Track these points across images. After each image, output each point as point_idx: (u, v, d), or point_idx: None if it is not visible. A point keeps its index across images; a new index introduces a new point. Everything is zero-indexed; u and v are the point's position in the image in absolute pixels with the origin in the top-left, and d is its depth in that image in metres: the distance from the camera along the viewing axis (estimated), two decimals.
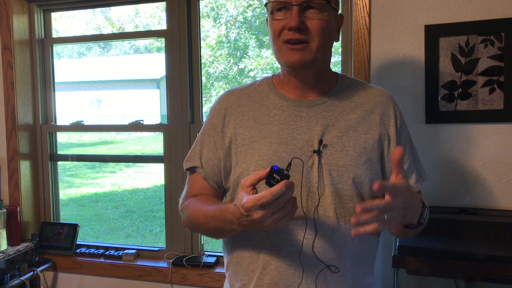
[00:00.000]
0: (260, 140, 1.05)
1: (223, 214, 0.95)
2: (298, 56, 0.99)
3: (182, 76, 2.04)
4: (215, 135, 1.11)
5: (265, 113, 1.08)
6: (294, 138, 1.04)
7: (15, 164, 2.18)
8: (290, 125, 1.05)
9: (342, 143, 1.03)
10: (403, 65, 1.63)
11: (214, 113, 1.13)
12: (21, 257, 2.16)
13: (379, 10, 1.65)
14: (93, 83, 9.32)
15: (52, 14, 2.31)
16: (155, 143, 8.76)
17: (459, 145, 1.59)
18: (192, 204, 1.09)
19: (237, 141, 1.07)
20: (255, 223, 0.87)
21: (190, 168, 1.15)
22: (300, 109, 1.06)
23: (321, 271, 1.01)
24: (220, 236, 1.10)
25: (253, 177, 0.89)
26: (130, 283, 2.06)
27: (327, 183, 1.01)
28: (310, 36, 0.99)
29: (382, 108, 1.09)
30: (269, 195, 0.83)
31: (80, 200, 6.77)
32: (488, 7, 1.54)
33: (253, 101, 1.11)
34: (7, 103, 2.17)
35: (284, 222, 0.88)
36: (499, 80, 1.53)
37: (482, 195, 1.58)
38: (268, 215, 0.85)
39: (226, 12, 3.96)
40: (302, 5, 0.98)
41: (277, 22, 1.00)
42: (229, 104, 1.12)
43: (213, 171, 1.11)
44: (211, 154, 1.11)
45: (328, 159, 1.02)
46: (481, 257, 1.24)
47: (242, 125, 1.08)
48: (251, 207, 0.85)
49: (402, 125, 1.11)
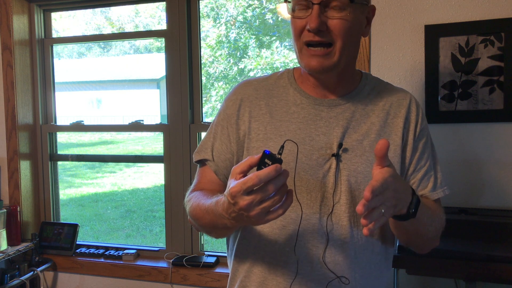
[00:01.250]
0: (276, 138, 0.99)
1: (216, 207, 0.86)
2: (319, 62, 0.93)
3: (182, 76, 2.04)
4: (229, 127, 1.04)
5: (283, 109, 1.01)
6: (312, 139, 0.98)
7: (15, 164, 2.18)
8: (309, 124, 0.99)
9: (362, 147, 0.98)
10: (403, 65, 1.63)
11: (229, 104, 1.06)
12: (21, 257, 2.16)
13: (379, 10, 1.65)
14: (93, 83, 9.31)
15: (52, 14, 2.32)
16: (155, 143, 8.75)
17: (459, 145, 1.59)
18: (195, 196, 1.01)
19: (251, 135, 1.01)
20: (243, 212, 0.78)
21: (200, 160, 1.08)
22: (321, 108, 1.00)
23: (330, 282, 0.96)
24: (216, 233, 1.02)
25: (243, 163, 0.80)
26: (130, 283, 2.06)
27: (344, 190, 0.96)
28: (332, 37, 0.92)
29: (405, 111, 1.02)
30: (256, 177, 0.74)
31: (80, 200, 6.77)
32: (488, 7, 1.54)
33: (272, 95, 1.04)
34: (7, 103, 2.17)
35: (274, 215, 0.78)
36: (499, 80, 1.53)
37: (482, 195, 1.58)
38: (256, 202, 0.76)
39: (226, 12, 3.96)
40: (322, 4, 0.90)
41: (297, 21, 0.94)
42: (246, 95, 1.05)
43: (225, 165, 1.04)
44: (223, 147, 1.04)
45: (346, 164, 0.96)
46: (481, 257, 1.24)
47: (257, 119, 1.02)
48: (236, 193, 0.76)
49: (423, 130, 1.04)
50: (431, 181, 1.05)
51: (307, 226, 0.95)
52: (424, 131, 1.05)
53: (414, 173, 1.04)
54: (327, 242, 0.95)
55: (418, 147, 1.03)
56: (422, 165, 1.04)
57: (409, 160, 1.03)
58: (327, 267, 0.95)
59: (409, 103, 1.04)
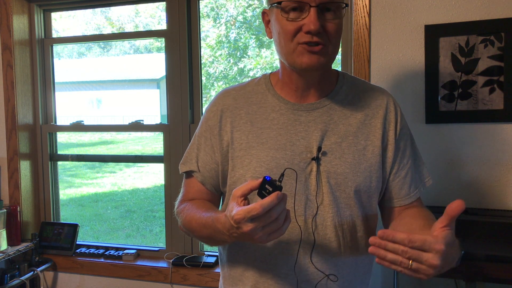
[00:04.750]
0: (258, 146, 1.01)
1: (215, 224, 0.90)
2: (316, 59, 0.94)
3: (182, 76, 2.04)
4: (212, 138, 1.07)
5: (263, 116, 1.03)
6: (292, 144, 1.00)
7: (15, 164, 2.18)
8: (289, 129, 1.01)
9: (341, 149, 1.00)
10: (403, 65, 1.63)
11: (210, 115, 1.08)
12: (21, 257, 2.16)
13: (379, 10, 1.65)
14: (93, 83, 9.32)
15: (52, 14, 2.32)
16: (155, 143, 8.76)
17: (459, 145, 1.59)
18: (187, 209, 1.05)
19: (234, 145, 1.03)
20: (246, 235, 0.82)
21: (187, 171, 1.12)
22: (299, 113, 1.02)
23: (320, 281, 0.99)
24: (213, 244, 1.05)
25: (244, 187, 0.84)
26: (130, 283, 2.06)
27: (326, 192, 0.98)
28: (326, 39, 0.93)
29: (384, 112, 1.04)
30: (260, 207, 0.78)
31: (80, 200, 6.77)
32: (488, 7, 1.54)
33: (251, 103, 1.06)
34: (7, 103, 2.17)
35: (276, 235, 0.83)
36: (499, 80, 1.53)
37: (482, 195, 1.58)
38: (259, 228, 0.80)
39: (226, 12, 3.96)
40: (320, 6, 0.92)
41: (291, 23, 0.93)
42: (226, 105, 1.07)
43: (211, 175, 1.08)
44: (208, 157, 1.07)
45: (326, 167, 0.99)
46: (481, 257, 1.24)
47: (239, 129, 1.04)
48: (240, 220, 0.80)
49: (403, 128, 1.06)
50: (414, 178, 1.07)
51: (293, 228, 0.98)
52: (404, 129, 1.07)
53: (399, 172, 1.05)
54: (313, 242, 0.98)
55: (400, 146, 1.05)
56: (405, 163, 1.06)
57: (392, 159, 1.04)
58: (315, 267, 0.98)
59: (386, 103, 1.06)
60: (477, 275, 1.26)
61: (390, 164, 1.04)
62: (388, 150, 1.04)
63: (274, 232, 0.82)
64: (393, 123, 1.04)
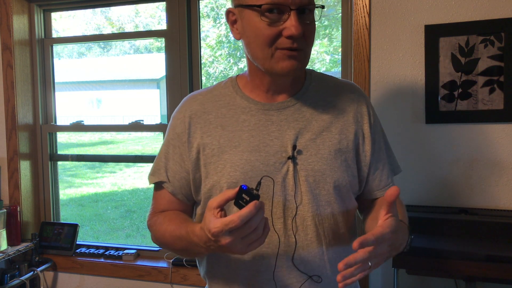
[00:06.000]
0: (231, 150, 0.97)
1: (190, 236, 0.88)
2: (296, 64, 0.91)
3: (182, 76, 2.04)
4: (181, 146, 1.02)
5: (233, 119, 1.00)
6: (266, 145, 0.97)
7: (15, 164, 2.18)
8: (261, 130, 0.98)
9: (316, 146, 0.97)
10: (403, 65, 1.63)
11: (177, 122, 1.04)
12: (21, 257, 2.16)
13: (379, 10, 1.65)
14: (93, 83, 9.32)
15: (52, 14, 2.31)
16: (155, 143, 8.75)
17: (459, 145, 1.59)
18: (160, 222, 1.02)
19: (206, 151, 0.99)
20: (224, 248, 0.80)
21: (156, 182, 1.07)
22: (271, 113, 0.99)
23: (303, 283, 0.97)
24: (189, 256, 1.02)
25: (220, 197, 0.80)
26: (130, 283, 2.06)
27: (304, 190, 0.96)
28: (304, 43, 0.91)
29: (355, 105, 1.03)
30: (238, 219, 0.75)
31: (80, 200, 6.77)
32: (488, 7, 1.54)
33: (219, 106, 1.02)
34: (7, 103, 2.17)
35: (256, 245, 0.81)
36: (499, 80, 1.53)
37: (482, 195, 1.58)
38: (238, 240, 0.78)
39: None
40: (299, 10, 0.88)
41: (270, 28, 0.89)
42: (193, 111, 1.03)
43: (181, 184, 1.03)
44: (177, 166, 1.03)
45: (303, 165, 0.96)
46: (481, 257, 1.24)
47: (209, 134, 1.00)
48: (218, 233, 0.77)
49: (375, 120, 1.06)
50: (388, 171, 1.07)
51: (273, 232, 0.95)
52: (376, 120, 1.07)
53: (377, 164, 1.05)
54: (295, 244, 0.96)
55: (375, 138, 1.05)
56: (382, 154, 1.06)
57: (370, 153, 1.03)
58: (298, 269, 0.96)
59: (357, 96, 1.05)
60: (477, 275, 1.26)
61: (369, 158, 1.03)
62: (365, 144, 1.02)
63: (253, 242, 0.80)
64: (366, 116, 1.04)
